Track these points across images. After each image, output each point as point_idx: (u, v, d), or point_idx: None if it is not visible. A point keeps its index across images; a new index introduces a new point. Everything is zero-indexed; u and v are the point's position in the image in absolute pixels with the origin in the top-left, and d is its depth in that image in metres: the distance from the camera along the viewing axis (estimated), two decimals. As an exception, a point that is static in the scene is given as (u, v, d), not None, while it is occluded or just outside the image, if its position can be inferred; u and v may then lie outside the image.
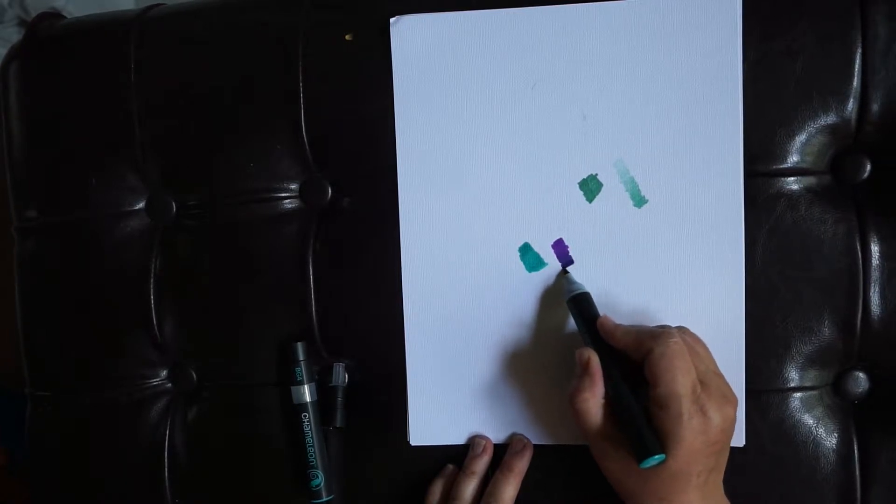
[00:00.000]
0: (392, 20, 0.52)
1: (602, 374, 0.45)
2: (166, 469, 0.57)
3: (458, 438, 0.53)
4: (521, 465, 0.51)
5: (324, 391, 0.54)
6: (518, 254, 0.51)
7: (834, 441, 0.49)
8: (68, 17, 0.63)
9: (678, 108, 0.49)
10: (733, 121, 0.48)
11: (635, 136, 0.50)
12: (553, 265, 0.51)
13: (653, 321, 0.49)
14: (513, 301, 0.51)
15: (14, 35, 0.94)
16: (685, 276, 0.49)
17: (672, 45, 0.49)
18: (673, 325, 0.47)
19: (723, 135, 0.48)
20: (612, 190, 0.50)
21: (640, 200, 0.50)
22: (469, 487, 0.51)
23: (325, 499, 0.54)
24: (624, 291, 0.50)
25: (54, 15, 0.62)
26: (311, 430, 0.53)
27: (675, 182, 0.49)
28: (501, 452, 0.52)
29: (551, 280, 0.51)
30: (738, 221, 0.49)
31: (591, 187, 0.50)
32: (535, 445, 0.52)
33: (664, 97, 0.49)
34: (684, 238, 0.49)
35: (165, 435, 0.58)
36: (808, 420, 0.49)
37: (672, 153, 0.49)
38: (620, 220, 0.50)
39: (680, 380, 0.41)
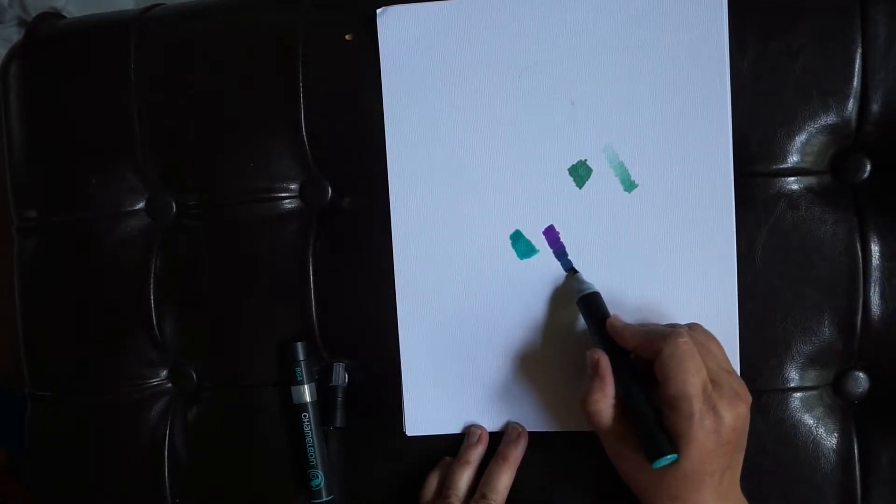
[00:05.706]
0: (378, 11, 0.51)
1: (612, 376, 0.44)
2: (166, 469, 0.57)
3: (455, 427, 0.53)
4: (515, 454, 0.51)
5: (324, 391, 0.54)
6: (509, 241, 0.51)
7: (834, 441, 0.49)
8: (68, 17, 0.63)
9: (666, 91, 0.49)
10: (721, 103, 0.48)
11: (624, 121, 0.49)
12: (545, 252, 0.51)
13: (645, 306, 0.49)
14: (505, 288, 0.51)
15: (14, 35, 0.94)
16: (677, 259, 0.49)
17: (659, 28, 0.49)
18: (681, 322, 0.46)
19: (711, 116, 0.48)
20: (602, 175, 0.50)
21: (630, 185, 0.50)
22: (463, 477, 0.50)
23: (325, 499, 0.54)
24: (616, 277, 0.50)
25: (54, 15, 0.62)
26: (311, 430, 0.53)
27: (664, 165, 0.49)
28: (498, 441, 0.52)
29: (543, 267, 0.51)
30: (729, 202, 0.48)
31: (580, 173, 0.50)
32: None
33: (652, 81, 0.49)
34: (676, 221, 0.49)
35: (165, 435, 0.57)
36: (809, 420, 0.49)
37: (661, 137, 0.49)
38: (611, 205, 0.50)
39: (690, 380, 0.41)
